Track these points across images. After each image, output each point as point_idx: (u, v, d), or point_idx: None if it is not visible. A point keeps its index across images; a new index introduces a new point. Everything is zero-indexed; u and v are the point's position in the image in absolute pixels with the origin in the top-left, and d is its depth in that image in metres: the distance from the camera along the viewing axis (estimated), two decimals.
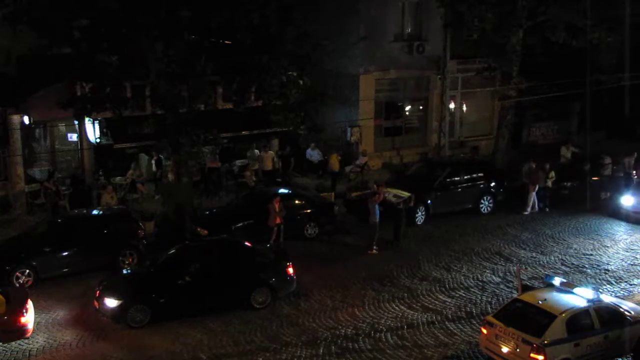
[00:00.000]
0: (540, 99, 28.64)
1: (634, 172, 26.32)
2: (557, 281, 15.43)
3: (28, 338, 15.47)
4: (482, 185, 24.80)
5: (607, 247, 21.56)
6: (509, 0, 25.89)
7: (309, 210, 22.35)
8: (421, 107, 31.23)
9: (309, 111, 22.46)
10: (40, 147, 25.10)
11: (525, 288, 16.00)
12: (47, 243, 18.84)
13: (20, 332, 15.20)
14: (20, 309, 15.18)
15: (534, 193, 24.64)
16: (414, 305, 17.51)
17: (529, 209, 24.57)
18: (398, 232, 21.57)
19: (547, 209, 24.64)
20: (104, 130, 24.48)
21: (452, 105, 30.95)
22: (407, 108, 30.96)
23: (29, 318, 15.36)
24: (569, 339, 13.80)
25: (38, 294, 17.33)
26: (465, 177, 24.70)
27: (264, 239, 20.12)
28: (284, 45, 20.26)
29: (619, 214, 24.06)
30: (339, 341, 15.72)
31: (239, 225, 21.14)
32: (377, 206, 20.83)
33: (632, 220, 23.55)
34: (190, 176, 22.73)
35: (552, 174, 24.79)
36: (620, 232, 22.94)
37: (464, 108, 32.10)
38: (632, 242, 21.98)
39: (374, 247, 20.92)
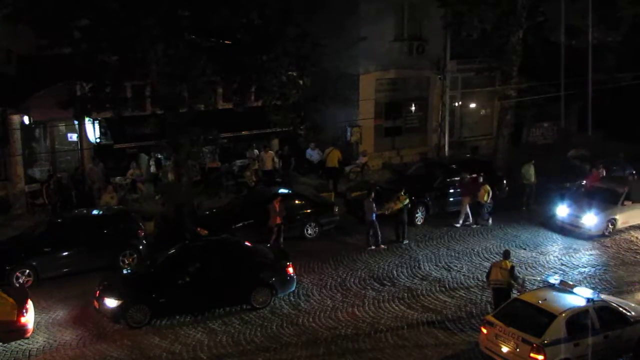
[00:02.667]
0: (540, 99, 28.61)
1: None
2: (556, 281, 15.45)
3: (28, 338, 15.47)
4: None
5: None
6: (509, 0, 25.90)
7: (309, 210, 22.35)
8: (421, 107, 31.22)
9: (309, 111, 22.46)
10: (40, 147, 25.08)
11: None
12: (47, 243, 18.83)
13: (20, 332, 15.20)
14: (20, 309, 15.16)
15: (467, 205, 23.26)
16: (414, 305, 17.51)
17: (460, 221, 23.18)
18: (399, 232, 21.67)
19: (476, 225, 23.05)
20: (104, 130, 24.47)
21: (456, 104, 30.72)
22: (407, 108, 30.93)
23: (29, 318, 15.36)
24: (569, 339, 13.80)
25: (38, 294, 17.30)
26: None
27: (264, 239, 20.12)
28: (284, 45, 20.26)
29: (552, 225, 23.02)
30: (339, 341, 15.72)
31: (239, 225, 21.13)
32: (373, 205, 20.88)
33: (566, 232, 22.46)
34: (190, 176, 22.73)
35: (487, 187, 22.78)
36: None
37: (464, 108, 32.10)
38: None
39: (380, 244, 21.05)
